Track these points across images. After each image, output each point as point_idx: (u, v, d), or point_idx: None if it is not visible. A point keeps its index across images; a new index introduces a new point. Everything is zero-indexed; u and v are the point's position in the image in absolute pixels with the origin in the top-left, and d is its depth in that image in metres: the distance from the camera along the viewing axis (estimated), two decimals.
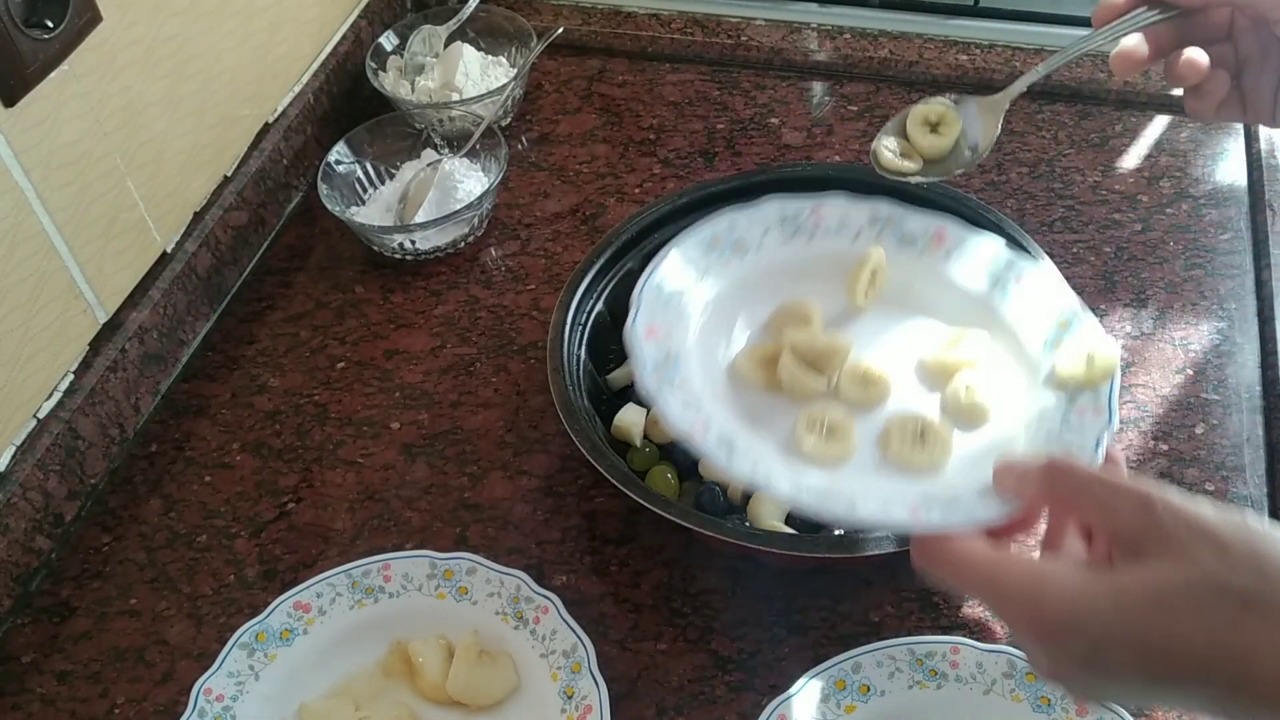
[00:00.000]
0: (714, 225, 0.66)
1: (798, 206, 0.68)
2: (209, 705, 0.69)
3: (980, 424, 0.62)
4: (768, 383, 0.63)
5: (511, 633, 0.71)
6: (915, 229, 0.68)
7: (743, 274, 0.67)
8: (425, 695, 0.71)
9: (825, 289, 0.67)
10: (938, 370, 0.64)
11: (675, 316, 0.63)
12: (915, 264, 0.68)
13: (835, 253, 0.68)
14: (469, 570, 0.73)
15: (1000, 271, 0.67)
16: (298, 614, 0.72)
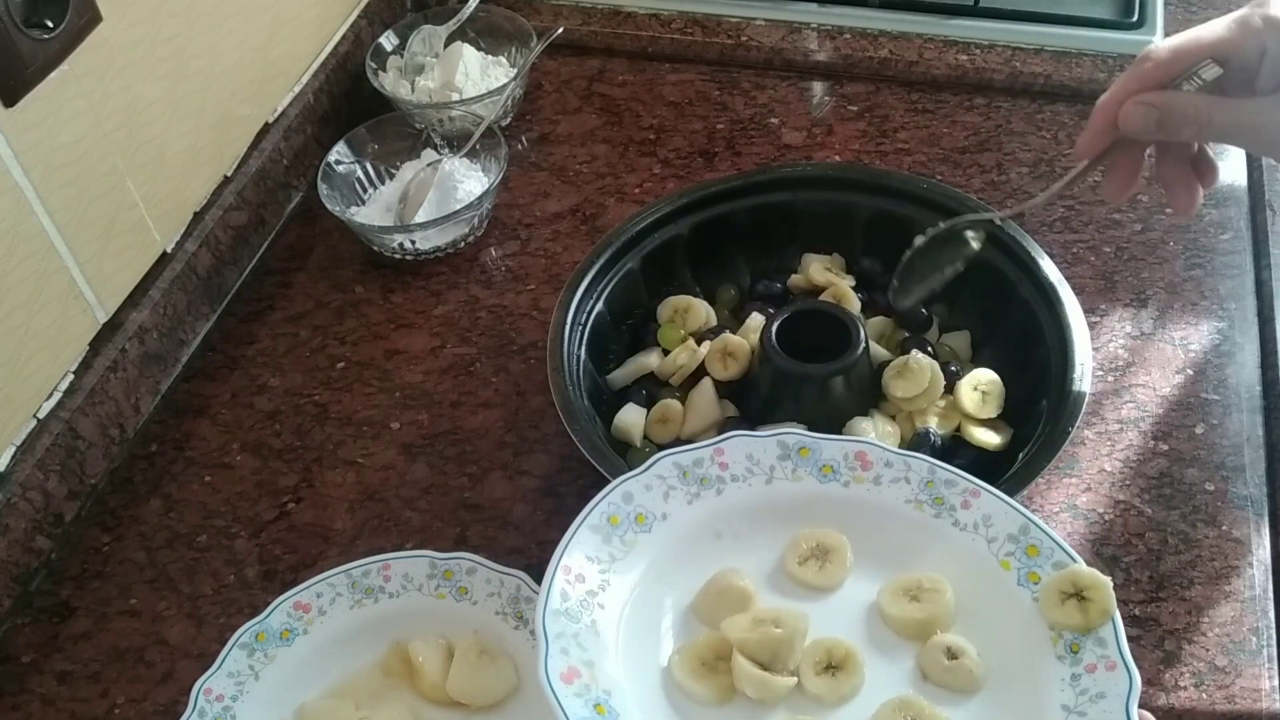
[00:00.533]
0: (607, 501, 0.58)
1: (695, 455, 0.60)
2: (209, 705, 0.69)
3: (973, 694, 0.53)
4: (717, 695, 0.53)
5: (512, 633, 0.71)
6: (834, 457, 0.60)
7: (653, 553, 0.57)
8: (425, 695, 0.71)
9: (750, 547, 0.58)
10: (906, 631, 0.56)
11: (590, 640, 0.52)
12: (845, 500, 0.60)
13: (751, 502, 0.59)
14: (469, 570, 0.73)
15: (941, 492, 0.59)
16: (298, 614, 0.72)
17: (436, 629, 0.72)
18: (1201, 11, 1.15)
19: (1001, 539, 0.57)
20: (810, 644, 0.55)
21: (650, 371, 0.83)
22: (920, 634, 0.55)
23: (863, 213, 0.88)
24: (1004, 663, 0.54)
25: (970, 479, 0.59)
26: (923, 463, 0.59)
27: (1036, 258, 0.81)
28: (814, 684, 0.53)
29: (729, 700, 0.53)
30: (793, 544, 0.58)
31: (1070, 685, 0.52)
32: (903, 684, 0.54)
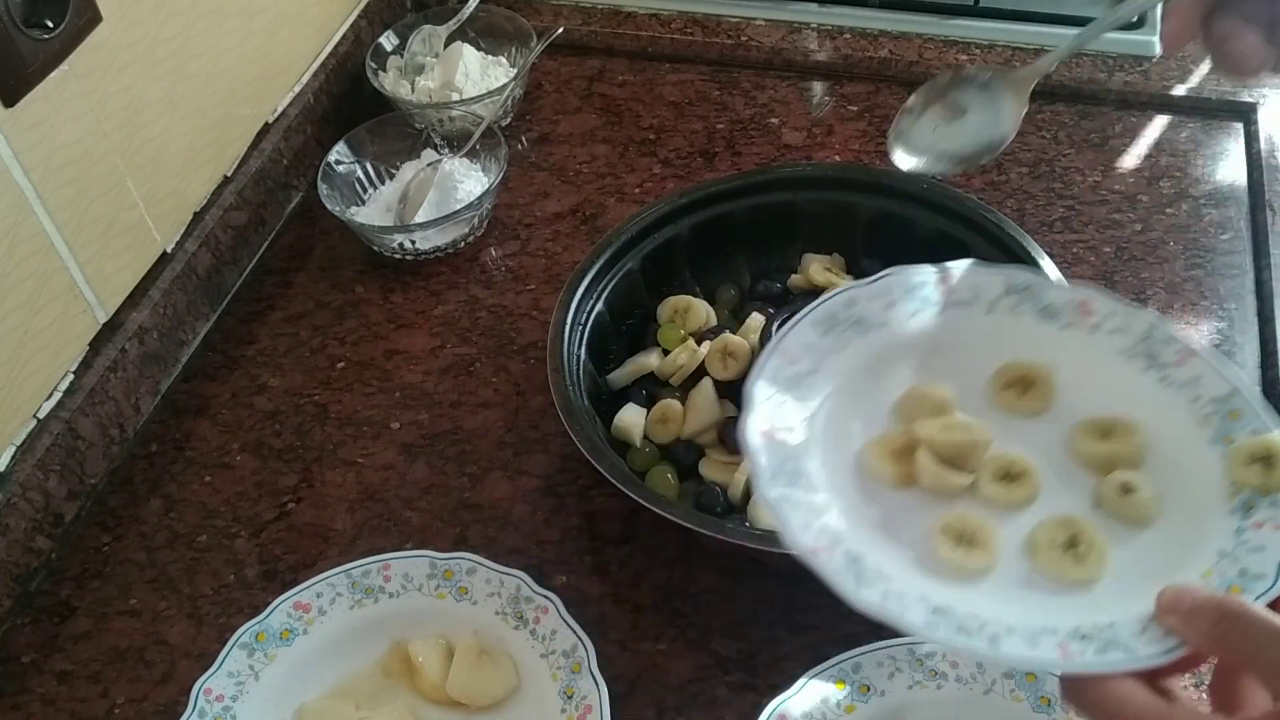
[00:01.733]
0: (831, 303, 0.60)
1: (922, 278, 0.62)
2: (209, 705, 0.69)
3: (1140, 529, 0.55)
4: (900, 479, 0.57)
5: (511, 633, 0.71)
6: (1057, 300, 0.61)
7: (866, 355, 0.60)
8: (425, 695, 0.71)
9: (958, 367, 0.60)
10: (1090, 463, 0.58)
11: (792, 410, 0.57)
12: (1058, 340, 0.61)
13: (968, 329, 0.61)
14: (469, 570, 0.73)
15: (1156, 349, 0.60)
16: (298, 614, 0.72)
17: (436, 629, 0.72)
18: None
19: (1205, 400, 0.57)
20: (992, 454, 0.57)
21: (650, 371, 0.83)
22: (1103, 468, 0.57)
23: (863, 213, 0.88)
24: (1177, 508, 0.55)
25: (1186, 340, 0.59)
26: (1144, 319, 0.60)
27: (1036, 258, 0.81)
28: (989, 488, 0.56)
29: (908, 487, 0.57)
30: (1001, 369, 0.60)
31: (1234, 536, 0.53)
32: (1074, 507, 0.56)
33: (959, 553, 0.54)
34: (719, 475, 0.78)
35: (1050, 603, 0.53)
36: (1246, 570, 0.51)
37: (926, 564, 0.54)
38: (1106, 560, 0.54)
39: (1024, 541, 0.55)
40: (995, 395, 0.60)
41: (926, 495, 0.57)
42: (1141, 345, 0.60)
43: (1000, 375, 0.60)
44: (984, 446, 0.57)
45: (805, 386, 0.58)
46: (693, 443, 0.79)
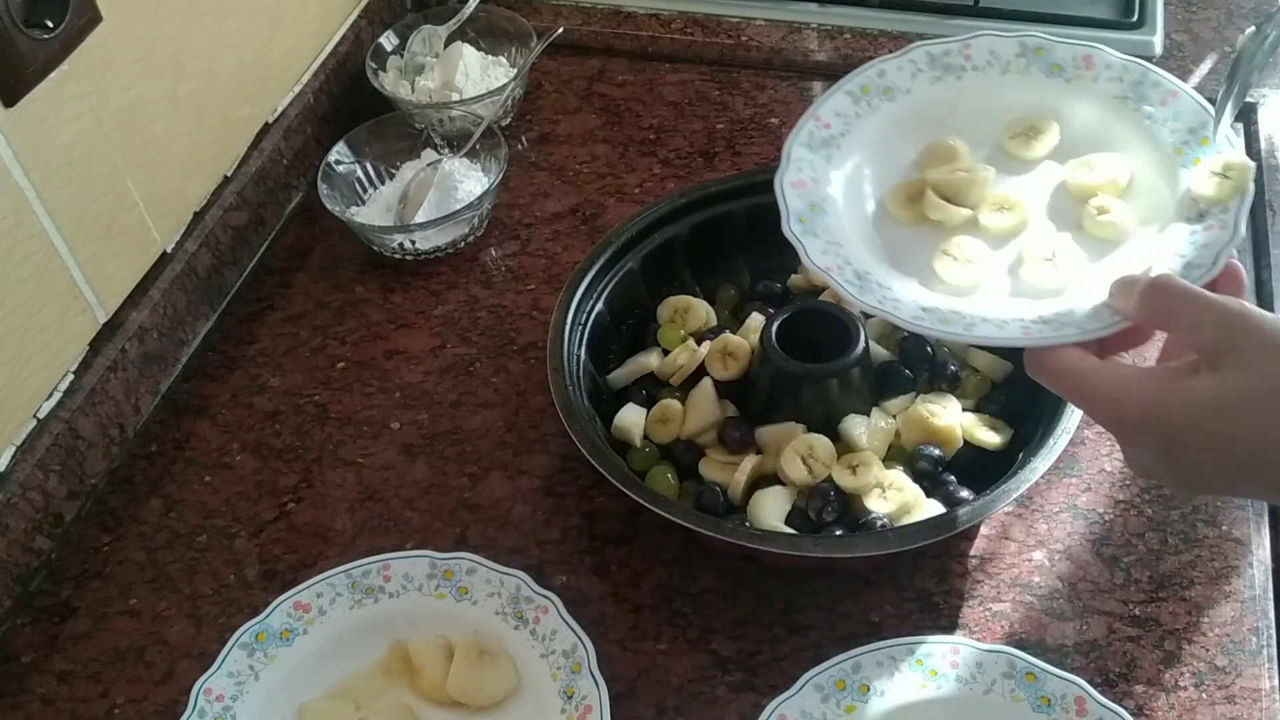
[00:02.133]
0: (862, 75, 0.69)
1: (945, 47, 0.70)
2: (209, 705, 0.69)
3: (1114, 247, 0.64)
4: (913, 219, 0.66)
5: (511, 633, 0.71)
6: (1064, 57, 0.70)
7: (893, 118, 0.69)
8: (425, 695, 0.71)
9: (974, 122, 0.69)
10: (1075, 194, 0.66)
11: (823, 167, 0.65)
12: (1063, 91, 0.70)
13: (983, 90, 0.70)
14: (469, 570, 0.73)
15: (1146, 91, 0.68)
16: (298, 614, 0.72)
17: (436, 629, 0.72)
18: (1201, 11, 1.15)
19: (1183, 130, 0.66)
20: (990, 192, 0.66)
21: (650, 371, 0.83)
22: (1088, 197, 0.65)
23: None
24: (1147, 227, 0.64)
25: (1174, 81, 0.68)
26: (1139, 66, 0.69)
27: None
28: (986, 217, 0.65)
29: (919, 223, 0.66)
30: (1011, 122, 0.69)
31: (1188, 239, 0.61)
32: (1060, 231, 0.65)
33: (954, 270, 0.63)
34: (719, 475, 0.78)
35: (1024, 305, 0.61)
36: (1190, 262, 0.59)
37: (927, 283, 0.64)
38: (1080, 271, 0.62)
39: (1013, 260, 0.63)
40: (1005, 144, 0.68)
41: (934, 231, 0.66)
42: (1134, 90, 0.68)
43: (1010, 128, 0.68)
44: (983, 183, 0.66)
45: (835, 148, 0.66)
46: (693, 443, 0.79)
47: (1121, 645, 0.72)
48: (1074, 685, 0.67)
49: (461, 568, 0.73)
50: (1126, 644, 0.72)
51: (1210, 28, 1.14)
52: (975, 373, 0.82)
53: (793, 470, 0.75)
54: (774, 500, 0.75)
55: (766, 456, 0.78)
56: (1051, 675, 0.68)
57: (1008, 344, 0.59)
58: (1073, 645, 0.72)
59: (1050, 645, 0.72)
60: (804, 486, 0.75)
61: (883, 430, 0.77)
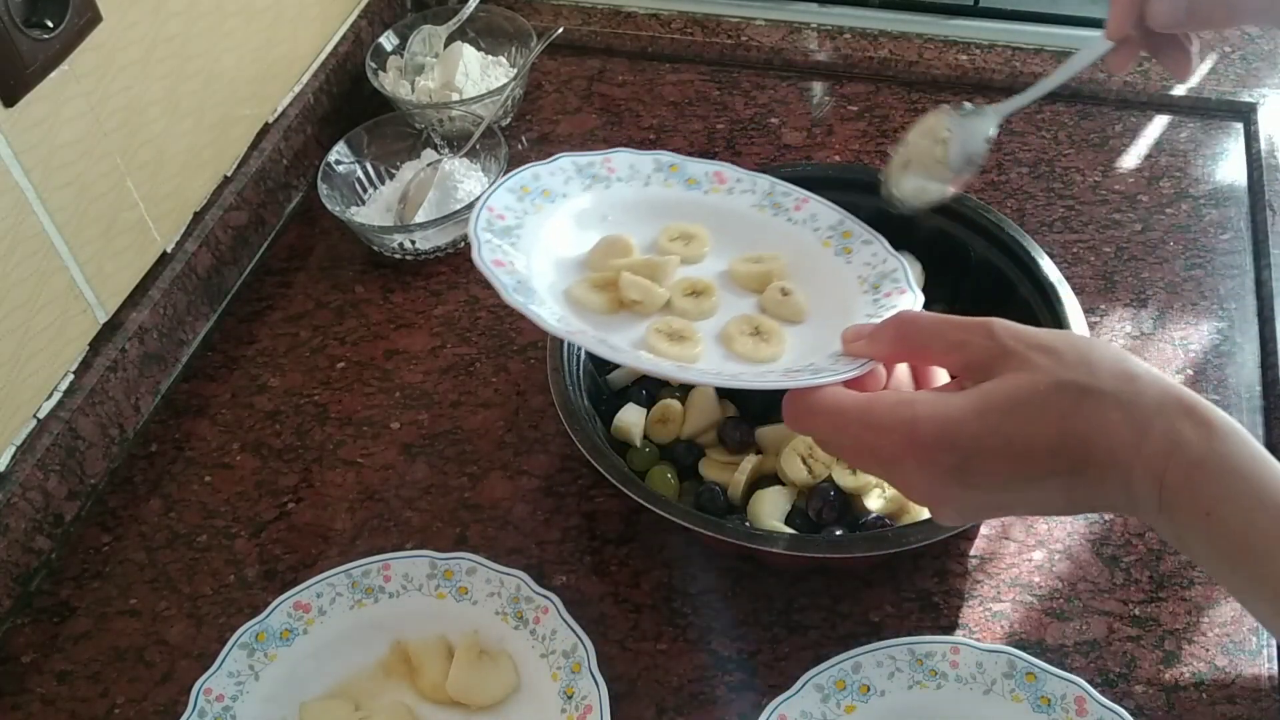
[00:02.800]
0: (518, 177, 0.70)
1: (588, 159, 0.74)
2: (209, 705, 0.69)
3: (800, 323, 0.67)
4: (608, 305, 0.66)
5: (511, 633, 0.71)
6: (698, 173, 0.75)
7: (554, 219, 0.70)
8: (425, 695, 0.71)
9: (630, 229, 0.71)
10: (750, 284, 0.69)
11: (510, 250, 0.66)
12: (704, 202, 0.74)
13: (632, 198, 0.73)
14: (469, 570, 0.73)
15: (779, 200, 0.74)
16: (298, 614, 0.72)
17: (436, 629, 0.72)
18: None
19: (824, 228, 0.72)
20: (677, 279, 0.68)
21: None
22: (760, 285, 0.69)
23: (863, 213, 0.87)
24: (824, 303, 0.68)
25: (801, 191, 0.74)
26: (765, 180, 0.75)
27: (1036, 258, 0.81)
28: (681, 302, 0.67)
29: (616, 312, 0.66)
30: (665, 230, 0.72)
31: (873, 305, 0.66)
32: (748, 311, 0.68)
33: (674, 347, 0.63)
34: (719, 475, 0.78)
35: (760, 367, 0.64)
36: None
37: None
38: (785, 341, 0.65)
39: (719, 334, 0.66)
40: (666, 246, 0.71)
41: (632, 315, 0.66)
42: (767, 199, 0.74)
43: (666, 232, 0.71)
44: (672, 265, 0.69)
45: (515, 237, 0.67)
46: (693, 443, 0.79)
47: (1121, 645, 0.72)
48: (1074, 685, 0.67)
49: (461, 568, 0.73)
50: (1126, 644, 0.72)
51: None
52: None
53: (793, 470, 0.75)
54: (774, 500, 0.75)
55: (766, 456, 0.78)
56: (1051, 675, 0.68)
57: (770, 387, 0.58)
58: (1073, 645, 0.72)
59: (1050, 645, 0.72)
60: (804, 486, 0.75)
61: None
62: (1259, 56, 1.11)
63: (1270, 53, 1.11)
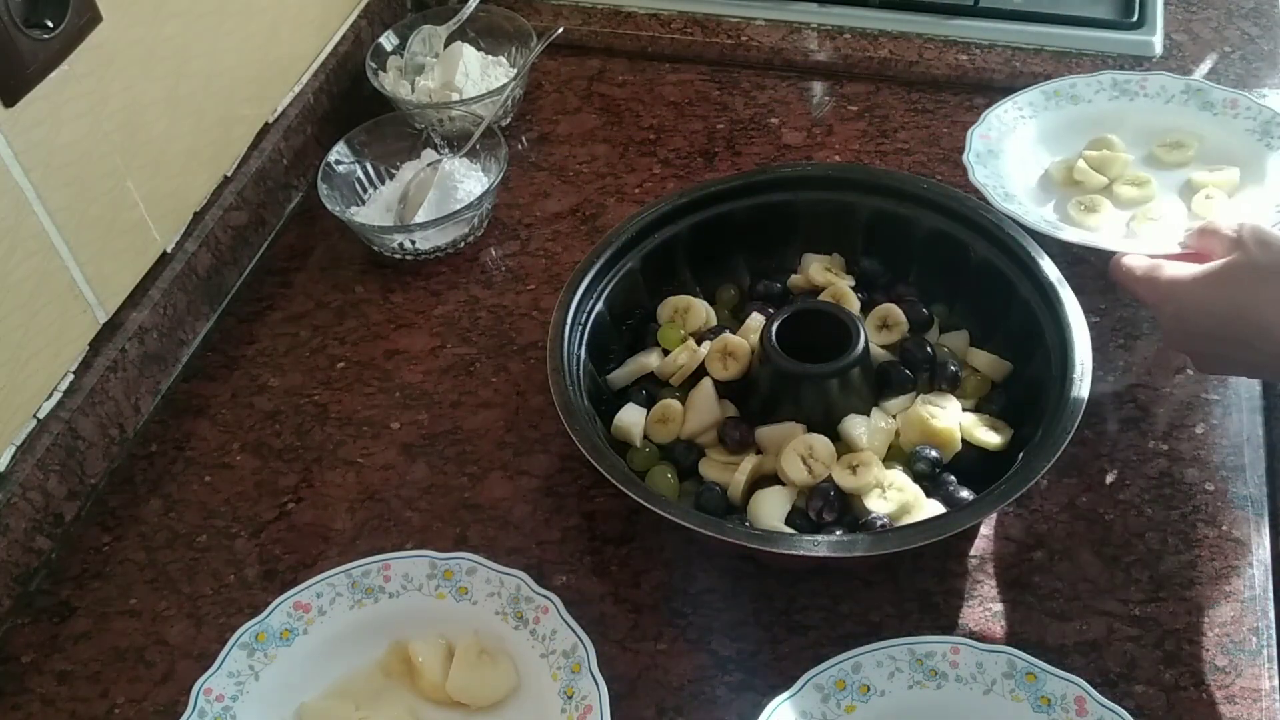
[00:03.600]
0: None
1: None
2: (209, 705, 0.69)
3: None
4: None
5: (512, 633, 0.71)
6: None
7: None
8: (425, 695, 0.71)
9: None
10: None
11: None
12: None
13: None
14: (469, 570, 0.73)
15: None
16: (298, 614, 0.72)
17: (436, 629, 0.72)
18: (1201, 12, 1.15)
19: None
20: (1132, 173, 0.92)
21: (650, 371, 0.83)
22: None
23: (863, 213, 0.88)
24: None
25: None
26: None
27: (1036, 258, 0.81)
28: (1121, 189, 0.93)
29: None
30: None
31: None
32: None
33: None
34: (719, 475, 0.78)
35: None
36: None
37: None
38: None
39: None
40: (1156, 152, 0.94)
41: None
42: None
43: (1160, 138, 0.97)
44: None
45: None
46: (693, 443, 0.79)
47: (1121, 645, 0.72)
48: (1074, 685, 0.67)
49: (461, 568, 0.73)
50: (1126, 644, 0.72)
51: (1210, 28, 1.14)
52: (975, 373, 0.82)
53: (793, 470, 0.75)
54: (774, 500, 0.75)
55: (766, 456, 0.78)
56: (1051, 675, 0.68)
57: None
58: (1073, 645, 0.72)
59: (1050, 645, 0.72)
60: (804, 486, 0.75)
61: (883, 430, 0.77)
62: (1259, 56, 1.11)
63: (1270, 53, 1.11)
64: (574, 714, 0.67)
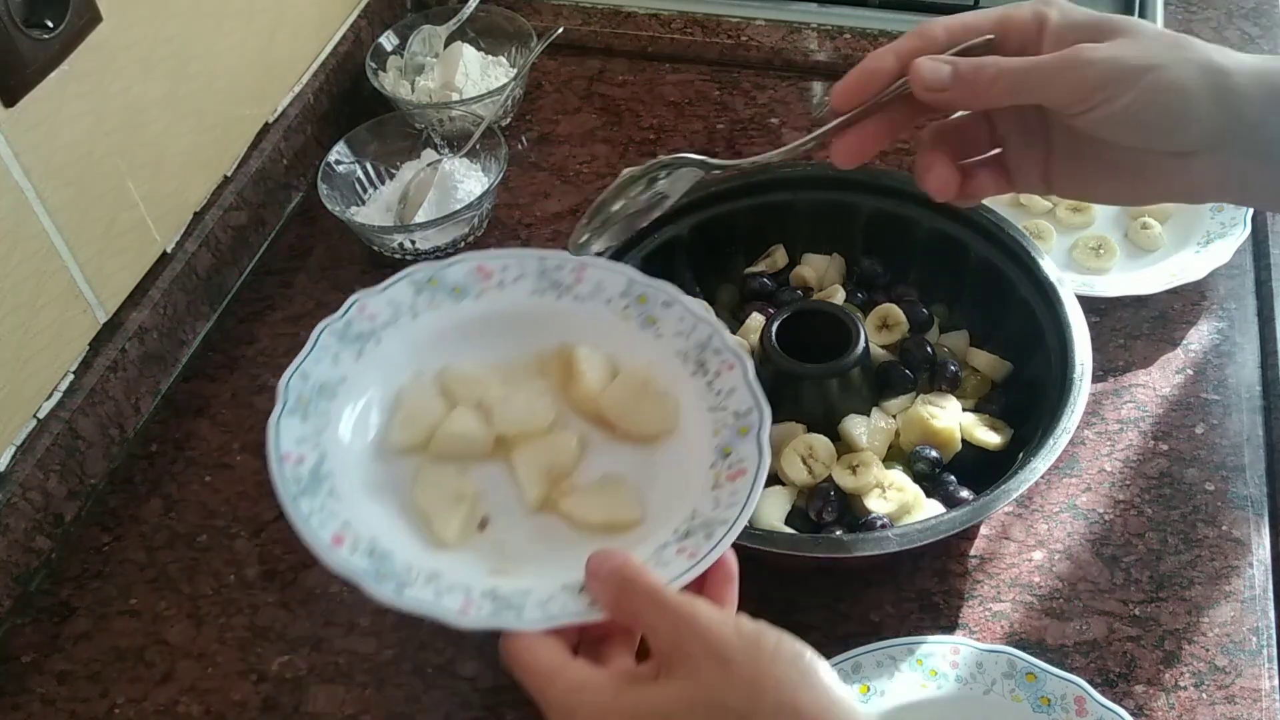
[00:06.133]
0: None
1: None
2: (359, 317, 0.65)
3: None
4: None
5: (687, 378, 0.65)
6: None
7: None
8: (574, 403, 0.66)
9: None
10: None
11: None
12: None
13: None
14: (665, 303, 0.67)
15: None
16: (477, 277, 0.68)
17: (609, 348, 0.67)
18: (1201, 11, 1.15)
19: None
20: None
21: None
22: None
23: (863, 213, 0.88)
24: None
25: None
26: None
27: (1036, 258, 0.81)
28: None
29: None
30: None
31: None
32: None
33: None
34: None
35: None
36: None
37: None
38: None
39: None
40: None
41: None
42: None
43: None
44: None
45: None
46: None
47: (1121, 645, 0.72)
48: (1074, 685, 0.67)
49: (657, 298, 0.67)
50: (1126, 644, 0.72)
51: (1210, 28, 1.14)
52: (975, 373, 0.82)
53: (793, 470, 0.75)
54: (774, 500, 0.75)
55: None
56: (1051, 675, 0.68)
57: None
58: (1073, 645, 0.72)
59: (1050, 645, 0.72)
60: (804, 486, 0.75)
61: (883, 430, 0.77)
62: None
63: (1271, 53, 1.11)
64: (723, 473, 0.61)
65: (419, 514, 0.60)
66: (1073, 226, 0.96)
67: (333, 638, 0.76)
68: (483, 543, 0.60)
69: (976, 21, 0.59)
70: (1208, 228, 0.93)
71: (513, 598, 0.54)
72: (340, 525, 0.57)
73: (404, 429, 0.64)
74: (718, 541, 0.56)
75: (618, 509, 0.61)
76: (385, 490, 0.61)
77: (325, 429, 0.62)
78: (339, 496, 0.59)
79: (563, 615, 0.53)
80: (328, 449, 0.61)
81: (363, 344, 0.65)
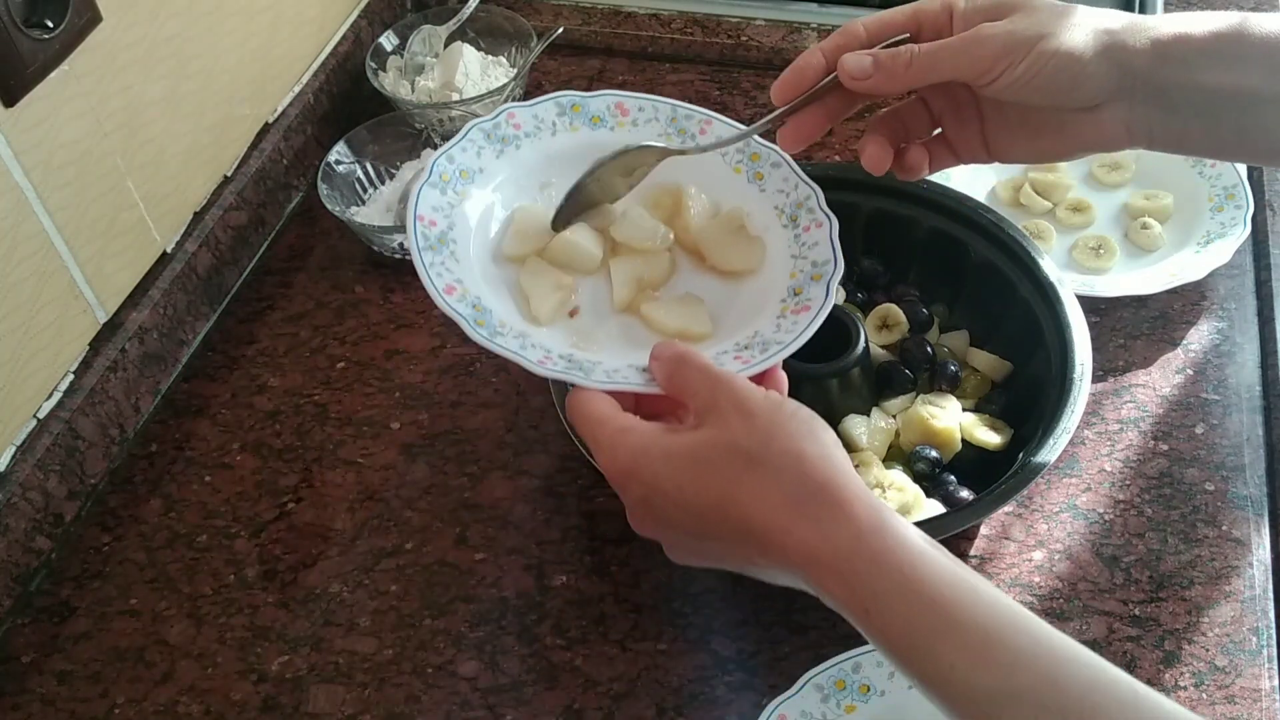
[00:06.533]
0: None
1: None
2: (505, 123, 0.71)
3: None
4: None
5: (778, 228, 0.71)
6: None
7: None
8: (675, 234, 0.71)
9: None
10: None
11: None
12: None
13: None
14: (773, 164, 0.73)
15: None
16: (616, 112, 0.75)
17: (715, 194, 0.73)
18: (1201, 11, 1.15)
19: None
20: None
21: None
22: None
23: (863, 213, 0.88)
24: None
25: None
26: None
27: (1036, 258, 0.81)
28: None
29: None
30: None
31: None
32: None
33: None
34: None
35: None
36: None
37: None
38: None
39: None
40: None
41: None
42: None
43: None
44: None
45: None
46: None
47: (1121, 645, 0.72)
48: None
49: (768, 158, 0.73)
50: (1126, 644, 0.72)
51: None
52: (975, 373, 0.82)
53: None
54: None
55: None
56: None
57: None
58: None
59: None
60: None
61: (883, 430, 0.77)
62: None
63: None
64: (790, 307, 0.67)
65: (520, 293, 0.67)
66: (1073, 226, 0.96)
67: (333, 638, 0.76)
68: (569, 326, 0.67)
69: (892, 16, 0.66)
70: (1208, 228, 0.93)
71: (584, 364, 0.62)
72: (454, 279, 0.65)
73: (518, 240, 0.69)
74: (770, 355, 0.63)
75: (691, 321, 0.67)
76: (496, 272, 0.68)
77: (457, 206, 0.68)
78: (457, 260, 0.66)
79: (624, 383, 0.60)
80: (455, 221, 0.68)
81: (504, 146, 0.72)
